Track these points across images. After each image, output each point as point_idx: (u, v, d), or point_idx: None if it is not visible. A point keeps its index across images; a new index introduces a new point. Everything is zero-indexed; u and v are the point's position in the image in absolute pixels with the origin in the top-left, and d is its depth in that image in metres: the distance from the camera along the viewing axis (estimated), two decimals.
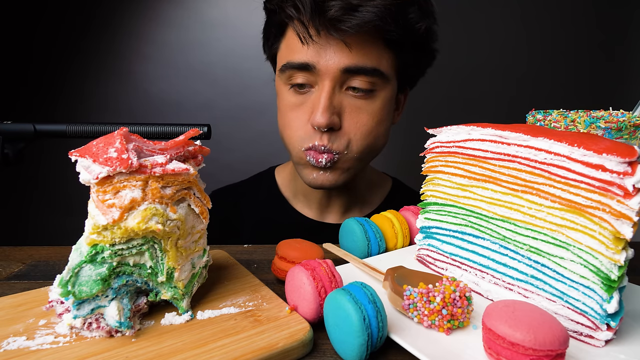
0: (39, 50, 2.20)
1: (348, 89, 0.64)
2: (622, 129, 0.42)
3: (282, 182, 0.84)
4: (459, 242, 0.46)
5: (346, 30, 0.58)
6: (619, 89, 2.23)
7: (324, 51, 0.62)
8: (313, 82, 0.65)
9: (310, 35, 0.60)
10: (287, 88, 0.67)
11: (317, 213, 0.80)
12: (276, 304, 0.40)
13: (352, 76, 0.63)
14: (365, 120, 0.65)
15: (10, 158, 0.55)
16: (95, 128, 0.55)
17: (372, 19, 0.57)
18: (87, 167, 0.33)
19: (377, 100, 0.66)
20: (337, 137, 0.65)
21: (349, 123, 0.65)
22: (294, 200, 0.82)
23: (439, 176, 0.47)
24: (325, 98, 0.62)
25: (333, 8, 0.57)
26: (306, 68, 0.63)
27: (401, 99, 0.76)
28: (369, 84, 0.64)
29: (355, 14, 0.57)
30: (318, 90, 0.64)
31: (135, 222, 0.33)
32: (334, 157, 0.65)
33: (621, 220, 0.32)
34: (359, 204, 0.81)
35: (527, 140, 0.38)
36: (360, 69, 0.62)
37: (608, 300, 0.33)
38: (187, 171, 0.36)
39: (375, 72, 0.63)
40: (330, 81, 0.63)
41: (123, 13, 2.21)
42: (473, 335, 0.35)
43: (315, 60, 0.62)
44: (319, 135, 0.64)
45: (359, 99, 0.65)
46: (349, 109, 0.65)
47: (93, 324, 0.34)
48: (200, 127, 0.54)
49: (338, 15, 0.57)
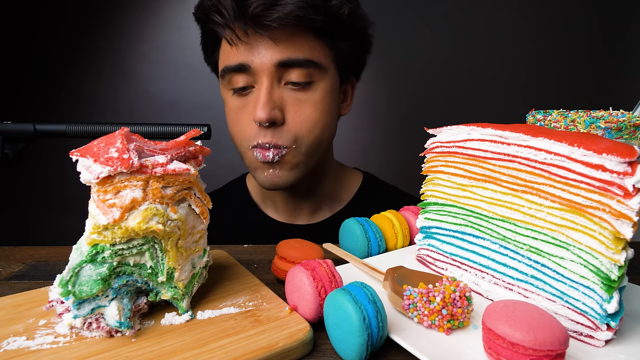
0: (39, 50, 2.20)
1: (287, 84, 0.65)
2: (622, 129, 0.42)
3: (253, 187, 0.85)
4: (459, 242, 0.46)
5: (269, 25, 0.60)
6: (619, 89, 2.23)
7: (255, 49, 0.63)
8: (252, 82, 0.66)
9: (238, 37, 0.62)
10: (231, 94, 0.69)
11: (286, 216, 0.80)
12: (276, 304, 0.40)
13: (287, 70, 0.64)
14: (309, 112, 0.66)
15: (10, 158, 0.55)
16: (95, 128, 0.55)
17: (291, 9, 0.59)
18: (88, 166, 0.33)
19: (316, 90, 0.67)
20: (281, 132, 0.65)
21: (292, 117, 0.65)
22: (263, 205, 0.83)
23: (439, 176, 0.47)
24: (264, 93, 0.63)
25: (252, 5, 0.59)
26: (242, 69, 0.65)
27: (348, 90, 0.77)
28: (306, 75, 0.65)
29: (275, 8, 0.59)
30: (257, 89, 0.66)
31: (135, 222, 0.33)
32: (281, 151, 0.66)
33: (621, 220, 0.32)
34: (327, 202, 0.81)
35: (527, 140, 0.38)
36: (292, 61, 0.63)
37: (608, 300, 0.33)
38: (188, 171, 0.36)
39: (309, 63, 0.64)
40: (267, 77, 0.64)
41: (123, 13, 2.21)
42: (473, 335, 0.35)
43: (249, 59, 0.64)
44: (262, 133, 0.65)
45: (299, 92, 0.66)
46: (290, 102, 0.66)
47: (93, 324, 0.34)
48: (201, 127, 0.54)
49: (259, 11, 0.59)
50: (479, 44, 2.22)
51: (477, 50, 2.23)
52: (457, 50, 2.22)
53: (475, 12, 2.19)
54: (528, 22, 2.20)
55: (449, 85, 2.22)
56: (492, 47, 2.23)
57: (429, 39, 2.21)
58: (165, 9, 2.23)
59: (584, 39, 2.21)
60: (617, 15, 2.19)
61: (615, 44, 2.22)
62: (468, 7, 2.19)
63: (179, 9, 2.22)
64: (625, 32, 2.20)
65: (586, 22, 2.19)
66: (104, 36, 2.22)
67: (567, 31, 2.20)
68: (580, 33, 2.20)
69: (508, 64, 2.23)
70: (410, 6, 2.17)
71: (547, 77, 2.24)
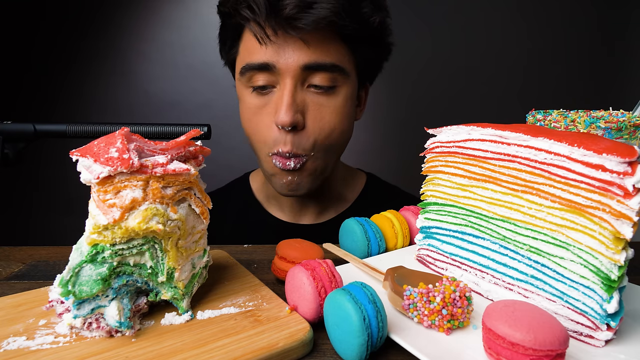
0: (39, 50, 2.20)
1: (310, 87, 0.64)
2: (622, 129, 0.42)
3: (256, 186, 0.84)
4: (459, 242, 0.46)
5: (303, 28, 0.58)
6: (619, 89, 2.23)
7: (282, 50, 0.62)
8: (274, 82, 0.65)
9: (267, 36, 0.61)
10: (249, 91, 0.67)
11: (291, 216, 0.80)
12: (276, 304, 0.40)
13: (312, 73, 0.63)
14: (329, 117, 0.65)
15: (10, 158, 0.55)
16: (95, 128, 0.55)
17: (327, 15, 0.58)
18: (88, 166, 0.33)
19: (338, 96, 0.66)
20: (301, 138, 0.65)
21: (312, 121, 0.65)
22: (267, 204, 0.82)
23: (439, 176, 0.47)
24: (288, 96, 0.62)
25: (288, 7, 0.57)
26: (266, 68, 0.63)
27: (362, 96, 0.77)
28: (330, 80, 0.64)
29: (310, 11, 0.58)
30: (280, 90, 0.64)
31: (136, 222, 0.33)
32: (302, 159, 0.65)
33: (621, 220, 0.32)
34: (334, 202, 0.81)
35: (527, 140, 0.38)
36: (320, 65, 0.62)
37: (608, 300, 0.33)
38: (188, 171, 0.36)
39: (335, 68, 0.63)
40: (292, 79, 0.63)
41: (123, 13, 2.21)
42: (473, 335, 0.35)
43: (274, 59, 0.62)
44: (282, 140, 0.64)
45: (321, 96, 0.65)
46: (312, 106, 0.65)
47: (93, 324, 0.34)
48: (201, 127, 0.54)
49: (293, 13, 0.57)
50: (479, 44, 2.22)
51: (477, 50, 2.23)
52: (457, 50, 2.22)
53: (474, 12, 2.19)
54: (527, 22, 2.20)
55: (448, 85, 2.22)
56: (492, 47, 2.23)
57: (429, 39, 2.21)
58: (165, 9, 2.23)
59: (583, 38, 2.21)
60: (616, 15, 2.19)
61: (614, 43, 2.22)
62: (468, 7, 2.19)
63: (179, 9, 2.22)
64: (624, 31, 2.20)
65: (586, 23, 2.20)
66: (104, 36, 2.22)
67: (566, 31, 2.20)
68: (580, 33, 2.20)
69: (508, 64, 2.23)
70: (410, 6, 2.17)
71: (547, 77, 2.25)
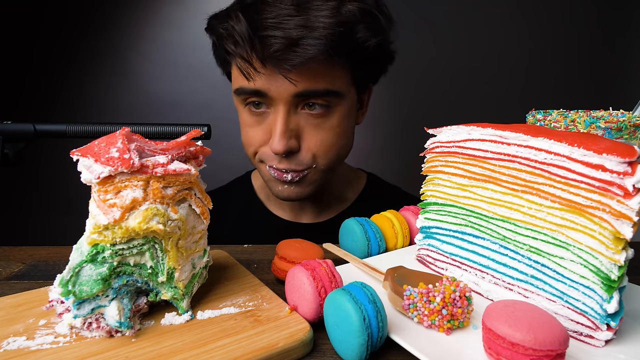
0: (39, 50, 2.20)
1: (304, 108, 0.64)
2: (622, 129, 0.42)
3: (257, 185, 0.85)
4: (459, 242, 0.46)
5: (289, 69, 0.56)
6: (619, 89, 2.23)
7: (273, 79, 0.60)
8: (268, 104, 0.64)
9: (255, 69, 0.59)
10: (243, 107, 0.67)
11: (292, 214, 0.80)
12: (276, 304, 0.40)
13: (306, 99, 0.62)
14: (325, 137, 0.65)
15: (10, 158, 0.55)
16: (95, 128, 0.55)
17: (314, 54, 0.55)
18: (89, 166, 0.33)
19: (334, 115, 0.65)
20: (297, 159, 0.64)
21: (308, 142, 0.64)
22: (268, 203, 0.82)
23: (439, 176, 0.47)
24: (281, 124, 0.62)
25: (274, 45, 0.55)
26: (259, 94, 0.63)
27: (364, 99, 0.76)
28: (325, 102, 0.63)
29: (297, 50, 0.55)
30: (274, 114, 0.64)
31: (136, 222, 0.33)
32: (300, 173, 0.65)
33: (621, 220, 0.32)
34: (333, 202, 0.81)
35: (527, 140, 0.38)
36: (312, 92, 0.61)
37: (608, 300, 0.33)
38: (189, 171, 0.36)
39: (328, 92, 0.62)
40: (284, 105, 0.62)
41: (123, 13, 2.21)
42: (473, 335, 0.35)
43: (266, 87, 0.61)
44: (277, 159, 0.64)
45: (317, 118, 0.64)
46: (307, 128, 0.64)
47: (93, 324, 0.34)
48: (201, 127, 0.54)
49: (280, 53, 0.55)
50: (479, 44, 2.22)
51: (477, 50, 2.22)
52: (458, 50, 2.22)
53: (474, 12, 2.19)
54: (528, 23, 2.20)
55: (449, 85, 2.22)
56: (492, 47, 2.22)
57: (430, 39, 2.21)
58: (165, 9, 2.23)
59: (583, 38, 2.21)
60: (617, 14, 2.19)
61: (615, 43, 2.22)
62: (468, 7, 2.18)
63: (179, 9, 2.22)
64: (625, 31, 2.20)
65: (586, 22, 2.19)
66: (104, 36, 2.21)
67: (567, 31, 2.20)
68: (580, 32, 2.20)
69: (508, 63, 2.23)
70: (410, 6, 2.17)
71: (547, 76, 2.24)
